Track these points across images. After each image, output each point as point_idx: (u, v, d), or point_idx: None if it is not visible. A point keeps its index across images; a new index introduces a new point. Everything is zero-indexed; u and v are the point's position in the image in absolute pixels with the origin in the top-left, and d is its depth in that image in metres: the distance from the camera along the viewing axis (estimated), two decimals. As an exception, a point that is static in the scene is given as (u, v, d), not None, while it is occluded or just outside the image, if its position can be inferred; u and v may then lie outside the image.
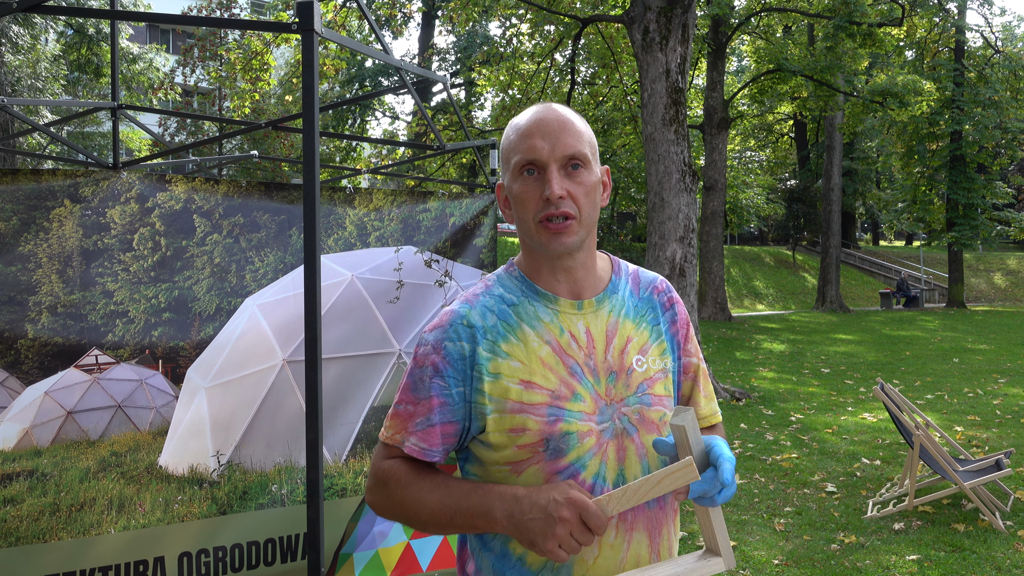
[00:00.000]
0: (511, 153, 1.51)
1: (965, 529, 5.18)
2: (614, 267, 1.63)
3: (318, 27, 2.60)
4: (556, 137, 1.47)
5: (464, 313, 1.51)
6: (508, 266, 1.61)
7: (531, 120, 1.50)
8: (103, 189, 3.38)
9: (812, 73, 20.12)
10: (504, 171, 1.55)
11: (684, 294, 10.51)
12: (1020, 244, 39.94)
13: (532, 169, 1.47)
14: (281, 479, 3.58)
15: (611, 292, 1.57)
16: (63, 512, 3.15)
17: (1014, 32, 30.30)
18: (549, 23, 14.63)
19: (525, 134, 1.48)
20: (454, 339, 1.48)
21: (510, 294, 1.54)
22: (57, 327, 3.26)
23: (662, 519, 1.53)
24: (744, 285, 33.23)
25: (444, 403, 1.47)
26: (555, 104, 1.54)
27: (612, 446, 1.48)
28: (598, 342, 1.51)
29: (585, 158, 1.49)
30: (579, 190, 1.47)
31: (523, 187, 1.48)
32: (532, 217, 1.48)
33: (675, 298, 1.66)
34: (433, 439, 1.48)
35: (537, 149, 1.46)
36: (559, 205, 1.45)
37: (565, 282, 1.53)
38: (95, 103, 4.12)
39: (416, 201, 4.22)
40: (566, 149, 1.46)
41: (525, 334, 1.49)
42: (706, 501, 1.37)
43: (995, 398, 10.16)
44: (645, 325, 1.58)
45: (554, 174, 1.45)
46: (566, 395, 1.46)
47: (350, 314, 3.84)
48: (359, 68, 32.09)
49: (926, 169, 28.69)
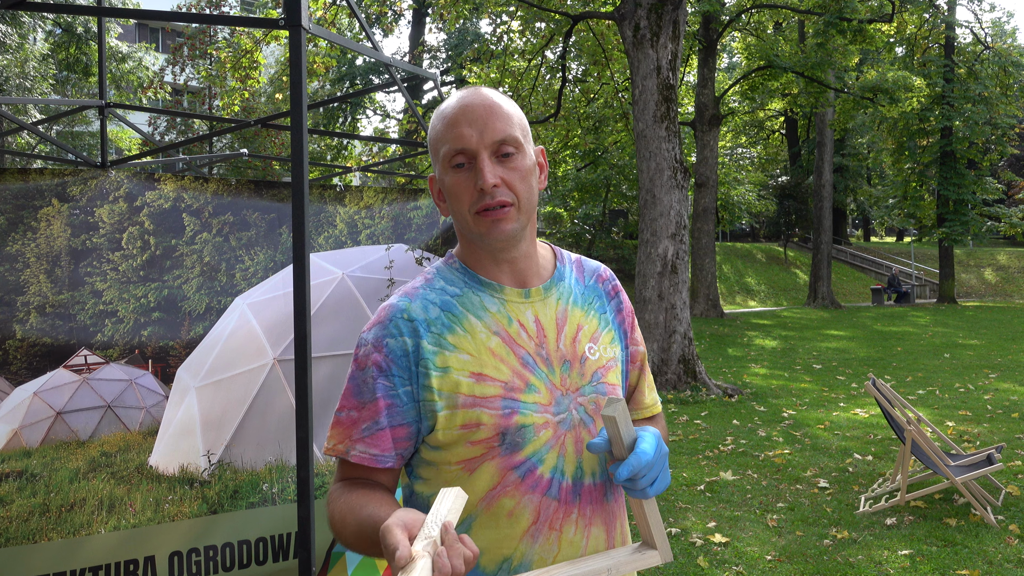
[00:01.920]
0: (438, 144, 1.42)
1: (957, 524, 5.20)
2: (557, 255, 1.57)
3: (306, 23, 2.58)
4: (484, 123, 1.38)
5: (404, 307, 1.42)
6: (447, 258, 1.53)
7: (456, 107, 1.41)
8: (91, 188, 3.36)
9: (803, 69, 20.16)
10: (434, 163, 1.46)
11: (676, 291, 10.53)
12: (1010, 240, 40.10)
13: (462, 159, 1.39)
14: (272, 478, 3.56)
15: (557, 279, 1.51)
16: (53, 512, 3.13)
17: (1003, 28, 30.43)
18: (540, 20, 14.61)
19: (451, 122, 1.40)
20: (395, 335, 1.39)
21: (452, 286, 1.46)
22: (46, 327, 3.24)
23: (617, 512, 1.49)
24: (736, 282, 33.30)
25: (392, 404, 1.38)
26: (482, 88, 1.45)
27: (570, 438, 1.42)
28: (549, 331, 1.45)
29: (516, 142, 1.41)
30: (514, 176, 1.40)
31: (455, 179, 1.40)
32: (467, 209, 1.40)
33: (619, 286, 1.62)
34: (383, 443, 1.39)
35: (465, 137, 1.38)
36: (495, 194, 1.37)
37: (509, 272, 1.47)
38: (83, 101, 4.09)
39: (407, 199, 4.20)
40: (495, 134, 1.39)
41: (472, 325, 1.41)
42: (637, 493, 1.30)
43: (986, 393, 10.20)
44: (593, 313, 1.53)
45: (485, 162, 1.38)
46: (520, 387, 1.39)
47: (341, 312, 3.83)
48: (349, 66, 32.03)
49: (916, 165, 28.79)
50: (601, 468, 1.45)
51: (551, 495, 1.40)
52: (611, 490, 1.48)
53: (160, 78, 14.46)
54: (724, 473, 6.61)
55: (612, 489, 1.48)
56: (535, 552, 1.39)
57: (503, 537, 1.39)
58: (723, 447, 7.58)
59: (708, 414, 9.25)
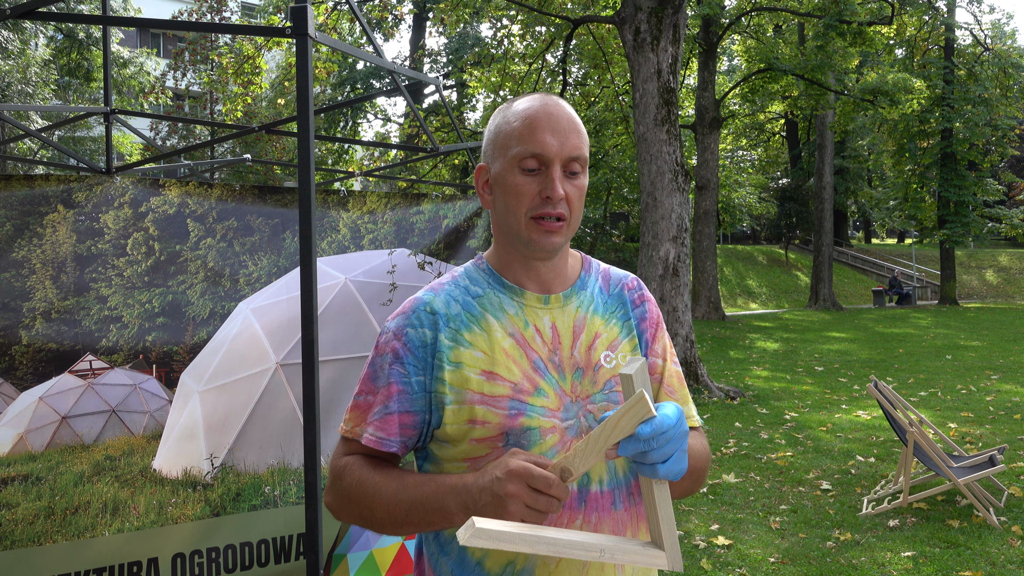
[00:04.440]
0: (512, 140, 1.42)
1: (960, 525, 5.21)
2: (584, 264, 1.58)
3: (312, 31, 2.60)
4: (566, 136, 1.41)
5: (428, 300, 1.46)
6: (477, 259, 1.56)
7: (540, 111, 1.42)
8: (96, 194, 3.38)
9: (803, 72, 20.18)
10: (495, 155, 1.46)
11: (678, 294, 10.54)
12: (1011, 241, 40.07)
13: (535, 164, 1.41)
14: (274, 481, 3.58)
15: (579, 288, 1.53)
16: (58, 515, 3.15)
17: (1003, 30, 30.44)
18: (540, 24, 14.64)
19: (533, 125, 1.41)
20: (416, 326, 1.43)
21: (475, 285, 1.49)
22: (51, 333, 3.26)
23: (627, 521, 1.45)
24: (737, 284, 33.30)
25: (403, 391, 1.41)
26: (557, 98, 1.47)
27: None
28: (564, 338, 1.46)
29: (585, 162, 1.44)
30: (575, 193, 1.43)
31: (521, 180, 1.41)
32: (525, 212, 1.41)
33: (646, 296, 1.61)
34: (390, 428, 1.41)
35: (547, 144, 1.39)
36: (556, 205, 1.40)
37: (535, 278, 1.49)
38: (88, 108, 4.12)
39: (409, 203, 4.22)
40: (573, 151, 1.41)
41: (489, 324, 1.44)
42: (647, 469, 1.21)
43: (988, 394, 10.20)
44: (615, 321, 1.53)
45: (558, 173, 1.40)
46: (529, 389, 1.40)
47: (344, 317, 3.84)
48: (351, 71, 32.05)
49: (917, 167, 28.79)
50: (610, 475, 1.44)
51: None
52: (620, 498, 1.45)
53: (161, 83, 14.49)
54: (727, 476, 6.62)
55: (622, 497, 1.46)
56: (538, 557, 1.38)
57: None
58: (726, 450, 7.59)
59: (710, 417, 9.25)
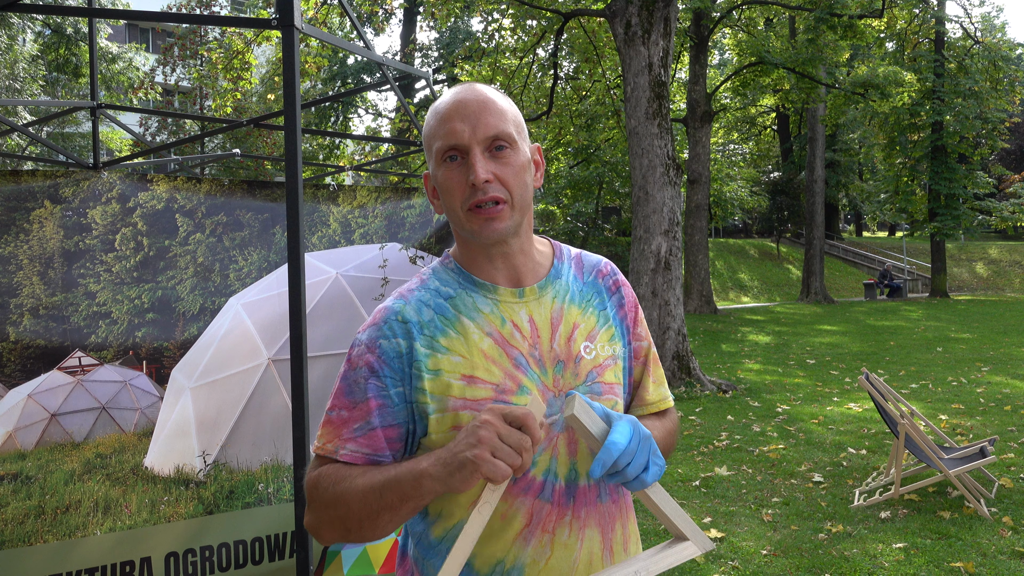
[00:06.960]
0: (432, 139, 1.41)
1: (951, 516, 5.22)
2: (555, 251, 1.55)
3: (298, 23, 2.58)
4: (477, 118, 1.37)
5: (398, 309, 1.41)
6: (443, 258, 1.52)
7: (450, 103, 1.40)
8: (84, 189, 3.35)
9: (794, 65, 20.20)
10: (428, 159, 1.44)
11: (670, 287, 10.55)
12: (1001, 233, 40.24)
13: (455, 155, 1.38)
14: (267, 478, 3.56)
15: (553, 278, 1.49)
16: (48, 514, 3.13)
17: (993, 23, 30.51)
18: (531, 18, 14.60)
19: (444, 118, 1.39)
20: (389, 336, 1.38)
21: (446, 287, 1.45)
22: (39, 329, 3.23)
23: (615, 513, 1.46)
24: (729, 278, 33.36)
25: (383, 405, 1.36)
26: (477, 84, 1.44)
27: (563, 439, 1.40)
28: (543, 331, 1.43)
29: (510, 137, 1.39)
30: (507, 171, 1.38)
31: (447, 174, 1.39)
32: (460, 205, 1.38)
33: (621, 280, 1.58)
34: (377, 443, 1.36)
35: (457, 133, 1.37)
36: (487, 190, 1.36)
37: (503, 270, 1.45)
38: (74, 103, 4.08)
39: (400, 198, 4.20)
40: (488, 130, 1.37)
41: (465, 327, 1.40)
42: (634, 484, 1.25)
43: (978, 386, 10.25)
44: (592, 310, 1.50)
45: (478, 157, 1.36)
46: (511, 388, 1.37)
47: (335, 312, 3.83)
48: (341, 65, 31.99)
49: (908, 160, 28.88)
50: None
51: (544, 498, 1.38)
52: (605, 491, 1.45)
53: (151, 79, 14.41)
54: (719, 469, 6.63)
55: (606, 489, 1.45)
56: (528, 555, 1.37)
57: (496, 540, 1.37)
58: (718, 443, 7.60)
59: (702, 410, 9.27)
